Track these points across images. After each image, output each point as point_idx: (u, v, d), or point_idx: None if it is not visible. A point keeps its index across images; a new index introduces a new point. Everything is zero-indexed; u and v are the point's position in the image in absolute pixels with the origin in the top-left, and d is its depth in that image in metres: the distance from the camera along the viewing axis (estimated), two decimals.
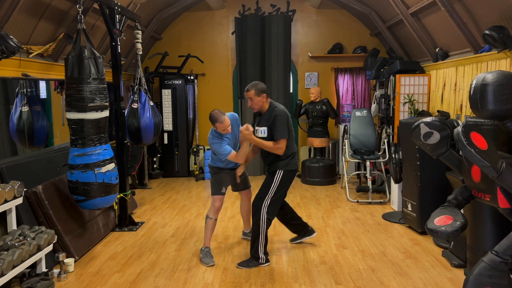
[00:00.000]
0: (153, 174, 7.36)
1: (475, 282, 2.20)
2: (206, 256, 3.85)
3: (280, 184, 3.70)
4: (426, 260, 3.82)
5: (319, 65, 7.70)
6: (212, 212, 3.92)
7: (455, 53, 4.97)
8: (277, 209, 3.80)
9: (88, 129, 3.60)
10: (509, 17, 3.71)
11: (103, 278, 3.53)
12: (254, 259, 3.73)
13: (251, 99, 3.65)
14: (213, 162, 3.99)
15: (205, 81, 7.80)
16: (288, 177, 3.75)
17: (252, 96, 3.62)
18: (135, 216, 5.17)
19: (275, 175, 3.69)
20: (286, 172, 3.71)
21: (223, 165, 3.93)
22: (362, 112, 6.29)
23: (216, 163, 3.96)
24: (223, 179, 3.93)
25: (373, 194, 5.91)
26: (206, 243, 3.93)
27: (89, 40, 3.73)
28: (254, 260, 3.73)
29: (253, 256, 3.73)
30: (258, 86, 3.63)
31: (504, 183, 2.22)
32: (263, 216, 3.66)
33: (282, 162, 3.70)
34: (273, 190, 3.69)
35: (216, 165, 3.96)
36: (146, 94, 5.11)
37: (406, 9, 5.28)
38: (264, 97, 3.65)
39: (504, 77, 2.32)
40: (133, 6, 5.47)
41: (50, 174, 4.15)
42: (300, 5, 7.59)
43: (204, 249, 3.91)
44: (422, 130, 2.52)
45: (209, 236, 3.93)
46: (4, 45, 3.20)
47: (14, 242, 3.15)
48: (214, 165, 3.98)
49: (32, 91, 4.95)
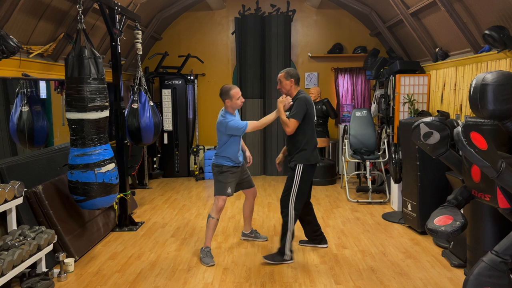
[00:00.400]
0: (153, 174, 7.36)
1: (475, 282, 2.21)
2: (206, 256, 3.85)
3: (302, 178, 3.74)
4: (426, 260, 3.82)
5: (319, 65, 7.70)
6: (214, 211, 3.91)
7: (455, 53, 4.97)
8: (301, 205, 3.83)
9: (88, 129, 3.60)
10: (509, 17, 3.71)
11: (103, 278, 3.53)
12: (280, 255, 3.78)
13: (280, 81, 3.85)
14: (219, 160, 3.94)
15: (205, 81, 7.80)
16: (309, 171, 3.78)
17: (282, 78, 3.83)
18: (135, 216, 5.18)
19: (296, 170, 3.74)
20: (306, 166, 3.74)
21: (230, 163, 3.91)
22: (362, 112, 6.29)
23: (222, 161, 3.92)
24: (228, 179, 3.92)
25: (373, 194, 5.91)
26: (207, 243, 3.93)
27: (89, 40, 3.73)
28: (279, 256, 3.77)
29: (279, 251, 3.78)
30: (288, 70, 3.84)
31: (504, 183, 2.22)
32: (291, 212, 3.74)
33: (303, 154, 3.73)
34: (296, 185, 3.73)
35: (221, 163, 3.92)
36: (146, 94, 5.11)
37: (406, 9, 5.28)
38: (292, 82, 3.80)
39: (504, 77, 2.32)
40: (133, 6, 5.48)
41: (50, 174, 4.15)
42: (300, 5, 7.59)
43: (204, 248, 3.91)
44: (422, 130, 2.53)
45: (210, 236, 3.93)
46: (4, 45, 3.20)
47: (14, 242, 3.15)
48: (219, 163, 3.94)
49: (32, 91, 4.95)
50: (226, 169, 3.92)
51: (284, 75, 3.81)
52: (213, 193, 3.99)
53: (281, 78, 3.83)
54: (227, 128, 3.83)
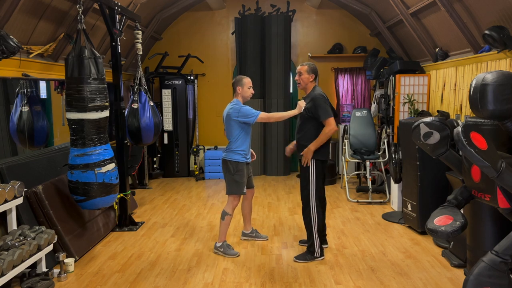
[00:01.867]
0: (153, 174, 7.36)
1: (475, 282, 2.21)
2: (228, 248, 3.94)
3: (316, 174, 3.77)
4: (426, 260, 3.82)
5: (319, 65, 7.56)
6: (230, 209, 3.95)
7: (455, 53, 4.97)
8: (320, 200, 3.85)
9: (88, 129, 3.60)
10: (509, 17, 3.71)
11: (103, 278, 3.53)
12: (310, 253, 3.83)
13: (300, 73, 3.84)
14: (232, 155, 3.90)
15: (205, 81, 7.80)
16: (321, 166, 3.81)
17: (303, 71, 3.82)
18: (135, 216, 5.18)
19: (310, 166, 3.75)
20: (319, 162, 3.78)
21: (243, 158, 3.93)
22: (362, 112, 6.29)
23: (236, 157, 3.89)
24: (243, 178, 3.94)
25: (373, 194, 5.91)
26: (222, 238, 3.97)
27: (89, 40, 3.73)
28: (310, 254, 3.82)
29: (309, 250, 3.83)
30: (311, 65, 3.85)
31: (504, 183, 2.22)
32: (313, 210, 3.77)
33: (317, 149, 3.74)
34: (313, 181, 3.77)
35: (237, 159, 3.89)
36: (146, 94, 5.11)
37: (406, 9, 5.28)
38: (312, 77, 3.83)
39: (504, 77, 2.32)
40: (133, 6, 5.48)
41: (50, 174, 4.15)
42: (300, 5, 7.59)
43: (222, 243, 3.95)
44: (422, 130, 2.53)
45: (226, 231, 3.98)
46: (4, 45, 3.20)
47: (14, 242, 3.15)
48: (234, 160, 3.90)
49: (32, 91, 4.94)
50: (241, 167, 3.93)
51: (307, 68, 3.79)
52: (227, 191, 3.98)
53: (302, 70, 3.81)
54: (239, 112, 3.83)
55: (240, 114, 3.84)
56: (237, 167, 3.91)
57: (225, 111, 3.98)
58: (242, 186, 3.94)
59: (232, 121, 3.89)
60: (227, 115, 3.93)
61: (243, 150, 3.93)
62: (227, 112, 3.94)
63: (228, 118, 3.92)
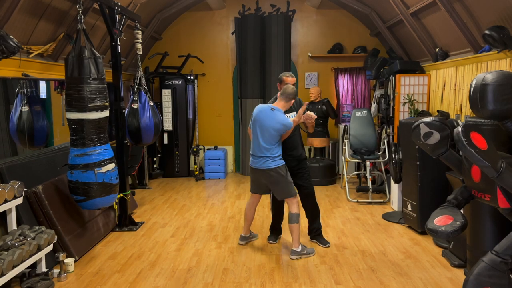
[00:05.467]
0: (153, 174, 7.36)
1: (475, 282, 2.21)
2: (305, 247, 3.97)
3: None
4: (426, 260, 3.82)
5: (319, 65, 7.70)
6: (297, 208, 3.89)
7: (455, 53, 4.97)
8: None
9: (88, 129, 3.60)
10: (509, 17, 3.71)
11: (103, 278, 3.53)
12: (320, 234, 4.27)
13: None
14: (278, 162, 3.86)
15: (205, 81, 7.80)
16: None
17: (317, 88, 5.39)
18: (135, 216, 5.18)
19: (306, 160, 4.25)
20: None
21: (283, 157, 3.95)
22: (362, 112, 6.29)
23: (281, 162, 3.88)
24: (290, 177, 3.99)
25: (373, 194, 5.91)
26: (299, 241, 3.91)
27: (89, 40, 3.73)
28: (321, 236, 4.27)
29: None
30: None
31: (504, 183, 2.22)
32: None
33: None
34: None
35: (283, 163, 3.90)
36: (146, 94, 5.11)
37: (406, 9, 5.28)
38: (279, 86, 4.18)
39: (504, 77, 2.33)
40: (133, 6, 5.48)
41: (50, 174, 4.14)
42: (300, 5, 7.59)
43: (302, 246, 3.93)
44: (422, 130, 2.53)
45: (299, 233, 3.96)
46: (4, 45, 3.20)
47: (14, 242, 3.15)
48: (282, 164, 3.89)
49: (32, 91, 4.94)
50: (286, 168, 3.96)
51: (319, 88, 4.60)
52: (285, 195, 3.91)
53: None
54: (280, 121, 3.78)
55: (282, 122, 3.81)
56: (284, 170, 3.91)
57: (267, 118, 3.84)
58: (293, 186, 3.96)
59: (271, 129, 3.81)
60: (266, 120, 3.82)
61: (281, 154, 3.93)
62: (265, 117, 3.83)
63: (269, 123, 3.80)
